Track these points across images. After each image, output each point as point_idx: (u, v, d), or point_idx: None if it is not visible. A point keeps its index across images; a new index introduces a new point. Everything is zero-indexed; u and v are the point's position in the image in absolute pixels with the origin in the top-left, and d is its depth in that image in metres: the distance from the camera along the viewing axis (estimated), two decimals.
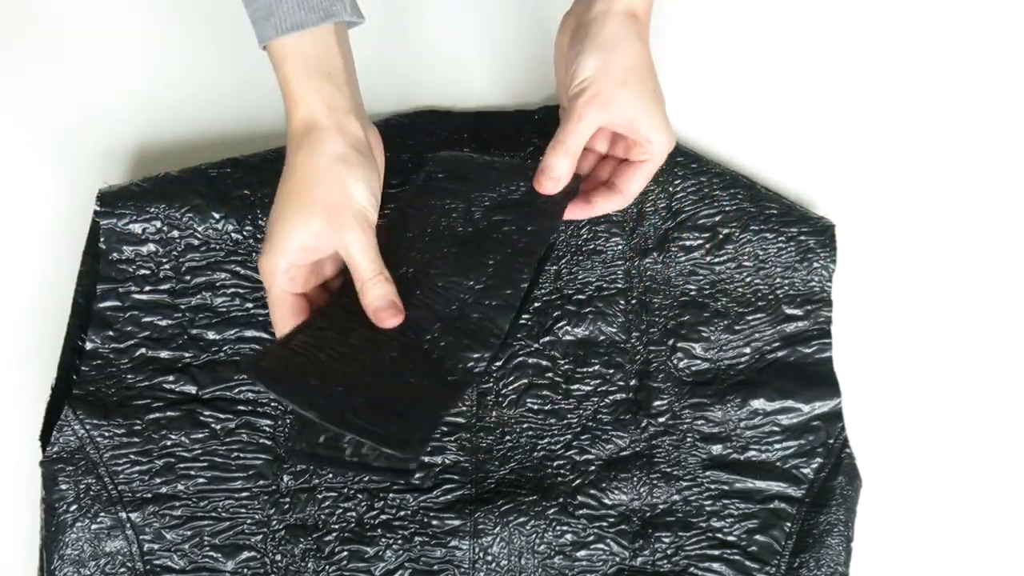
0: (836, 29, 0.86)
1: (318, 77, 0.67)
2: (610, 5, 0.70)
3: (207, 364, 0.77)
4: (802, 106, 0.85)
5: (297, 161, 0.67)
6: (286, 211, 0.67)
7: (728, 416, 0.77)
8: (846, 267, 0.82)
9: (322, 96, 0.67)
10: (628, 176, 0.72)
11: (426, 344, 0.67)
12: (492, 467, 0.77)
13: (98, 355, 0.76)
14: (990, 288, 0.83)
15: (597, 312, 0.78)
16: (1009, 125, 0.85)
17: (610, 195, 0.72)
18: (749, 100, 0.85)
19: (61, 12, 0.85)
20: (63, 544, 0.73)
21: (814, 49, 0.86)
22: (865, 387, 0.81)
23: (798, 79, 0.86)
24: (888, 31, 0.86)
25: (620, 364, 0.78)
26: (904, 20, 0.87)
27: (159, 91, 0.84)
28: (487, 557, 0.75)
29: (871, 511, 0.78)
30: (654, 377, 0.78)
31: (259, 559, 0.75)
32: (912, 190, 0.84)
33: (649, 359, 0.78)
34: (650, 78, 0.70)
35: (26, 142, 0.83)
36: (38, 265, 0.81)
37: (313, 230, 0.66)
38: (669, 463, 0.77)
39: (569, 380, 0.78)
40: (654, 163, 0.71)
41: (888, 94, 0.86)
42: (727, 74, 0.86)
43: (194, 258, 0.78)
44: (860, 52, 0.86)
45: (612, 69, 0.69)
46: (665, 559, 0.76)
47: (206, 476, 0.75)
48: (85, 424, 0.75)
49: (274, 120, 0.84)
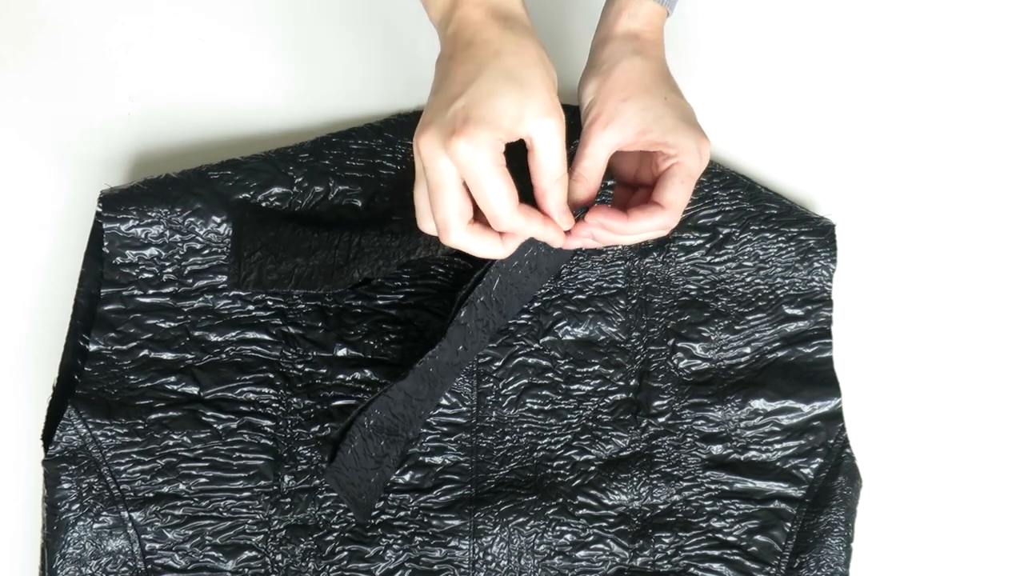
0: (836, 29, 0.86)
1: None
2: (608, 32, 0.70)
3: (209, 365, 0.77)
4: (802, 106, 0.85)
5: (505, 39, 0.62)
6: (496, 84, 0.61)
7: (728, 416, 0.77)
8: (846, 267, 0.82)
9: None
10: (661, 186, 0.67)
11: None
12: (492, 467, 0.77)
13: (101, 356, 0.77)
14: (990, 288, 0.83)
15: (597, 312, 0.79)
16: (1009, 125, 0.85)
17: (647, 207, 0.67)
18: (749, 100, 0.85)
19: (62, 14, 0.86)
20: (65, 543, 0.74)
21: (814, 50, 0.86)
22: (865, 387, 0.81)
23: (798, 79, 0.86)
24: (888, 31, 0.86)
25: (620, 364, 0.78)
26: (904, 19, 0.87)
27: (160, 92, 0.85)
28: (487, 557, 0.75)
29: (871, 511, 0.78)
30: (654, 377, 0.78)
31: (260, 559, 0.75)
32: (912, 190, 0.84)
33: (649, 359, 0.78)
34: (657, 88, 0.68)
35: (28, 143, 0.84)
36: (40, 265, 0.82)
37: (532, 106, 0.61)
38: (669, 463, 0.77)
39: (569, 380, 0.78)
40: (684, 167, 0.67)
41: (888, 94, 0.86)
42: (727, 74, 0.86)
43: (196, 261, 0.78)
44: (860, 52, 0.86)
45: (612, 88, 0.68)
46: (665, 559, 0.76)
47: (207, 476, 0.75)
48: (88, 424, 0.75)
49: (275, 121, 0.84)
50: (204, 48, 0.85)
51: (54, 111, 0.84)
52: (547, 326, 0.78)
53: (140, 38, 0.86)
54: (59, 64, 0.85)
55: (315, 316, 0.78)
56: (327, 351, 0.77)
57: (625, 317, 0.79)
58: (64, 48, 0.85)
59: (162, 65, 0.85)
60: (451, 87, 0.62)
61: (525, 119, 0.61)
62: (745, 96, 0.85)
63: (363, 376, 0.77)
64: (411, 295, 0.78)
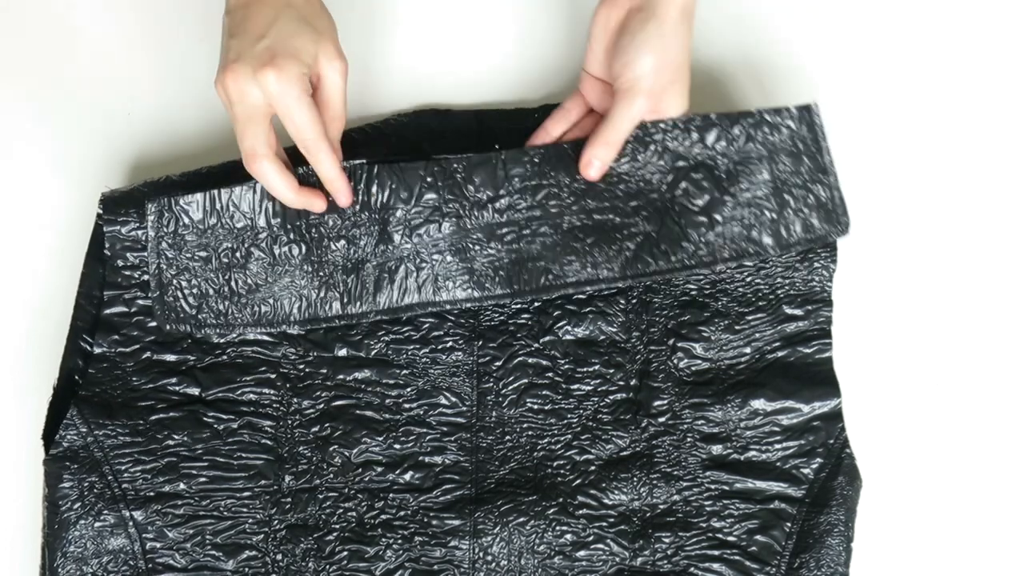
0: (835, 28, 0.86)
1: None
2: (670, 3, 0.72)
3: (210, 366, 0.77)
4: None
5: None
6: (296, 27, 0.69)
7: (728, 416, 0.77)
8: (846, 267, 0.82)
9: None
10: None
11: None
12: (492, 467, 0.77)
13: (104, 358, 0.77)
14: (991, 288, 0.83)
15: (597, 312, 0.79)
16: (1009, 125, 0.85)
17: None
18: (748, 100, 0.85)
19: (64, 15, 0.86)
20: (66, 541, 0.74)
21: (813, 48, 0.86)
22: (865, 387, 0.80)
23: (798, 79, 0.86)
24: (888, 30, 0.86)
25: (620, 364, 0.78)
26: (904, 19, 0.87)
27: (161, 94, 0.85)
28: (487, 557, 0.75)
29: (871, 511, 0.78)
30: (654, 377, 0.78)
31: (260, 558, 0.75)
32: (912, 189, 0.84)
33: (649, 359, 0.78)
34: (688, 71, 0.74)
35: (29, 145, 0.84)
36: (41, 266, 0.82)
37: (325, 49, 0.69)
38: (669, 463, 0.77)
39: (569, 380, 0.78)
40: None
41: (888, 93, 0.85)
42: (727, 74, 0.86)
43: None
44: (859, 51, 0.86)
45: (665, 68, 0.72)
46: (665, 559, 0.76)
47: (208, 476, 0.76)
48: (90, 424, 0.75)
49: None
50: (205, 49, 0.85)
51: (55, 112, 0.85)
52: (547, 326, 0.78)
53: (141, 39, 0.86)
54: (60, 65, 0.85)
55: None
56: (327, 351, 0.78)
57: (625, 317, 0.79)
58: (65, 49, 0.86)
59: (163, 66, 0.86)
60: (252, 29, 0.69)
61: (319, 59, 0.69)
62: (745, 96, 0.85)
63: (363, 376, 0.77)
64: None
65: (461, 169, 0.75)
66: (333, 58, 0.70)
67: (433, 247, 0.75)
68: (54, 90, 0.85)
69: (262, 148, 0.69)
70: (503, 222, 0.76)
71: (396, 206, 0.75)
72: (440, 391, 0.78)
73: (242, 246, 0.75)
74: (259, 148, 0.69)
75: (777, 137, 0.76)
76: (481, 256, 0.75)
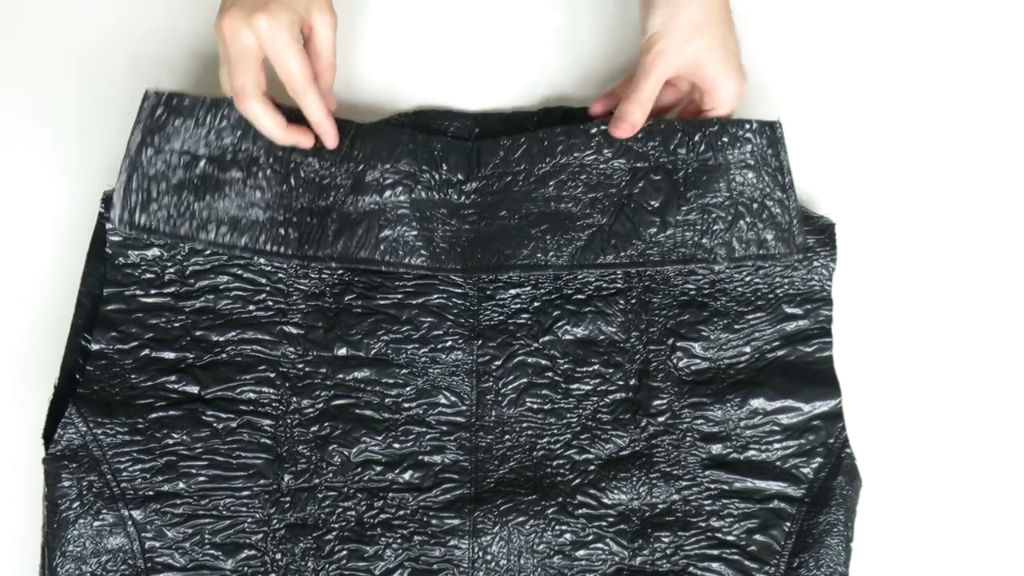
0: (835, 28, 0.86)
1: None
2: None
3: (210, 365, 0.77)
4: (802, 106, 0.85)
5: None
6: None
7: (728, 415, 0.77)
8: (846, 267, 0.82)
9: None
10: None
11: None
12: (491, 466, 0.77)
13: (103, 355, 0.77)
14: (990, 287, 0.83)
15: (597, 312, 0.79)
16: (1009, 124, 0.85)
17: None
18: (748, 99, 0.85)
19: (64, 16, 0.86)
20: (65, 541, 0.74)
21: (813, 48, 0.86)
22: (865, 387, 0.80)
23: (797, 79, 0.86)
24: (888, 30, 0.86)
25: (620, 363, 0.78)
26: (904, 19, 0.87)
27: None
28: (486, 556, 0.75)
29: (871, 511, 0.78)
30: (654, 376, 0.78)
31: (259, 558, 0.75)
32: (912, 189, 0.84)
33: (649, 358, 0.78)
34: (719, 30, 0.74)
35: (29, 145, 0.84)
36: (42, 265, 0.82)
37: (318, 3, 0.72)
38: (668, 463, 0.77)
39: (569, 379, 0.78)
40: (724, 110, 0.77)
41: (888, 93, 0.85)
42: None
43: (197, 262, 0.78)
44: (859, 51, 0.86)
45: (678, 24, 0.73)
46: (664, 559, 0.75)
47: (207, 475, 0.76)
48: (89, 422, 0.75)
49: None
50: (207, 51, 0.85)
51: (56, 112, 0.85)
52: (547, 325, 0.78)
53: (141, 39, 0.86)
54: (60, 65, 0.86)
55: (315, 316, 0.78)
56: (327, 351, 0.78)
57: (624, 317, 0.79)
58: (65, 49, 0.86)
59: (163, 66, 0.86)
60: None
61: (311, 11, 0.72)
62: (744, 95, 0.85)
63: (363, 375, 0.77)
64: (411, 295, 0.78)
65: (439, 148, 0.78)
66: (324, 12, 0.73)
67: (398, 210, 0.77)
68: (54, 90, 0.85)
69: (251, 87, 0.72)
70: (467, 204, 0.78)
71: (374, 164, 0.77)
72: (440, 390, 0.78)
73: (224, 159, 0.76)
74: (248, 87, 0.72)
75: (738, 149, 0.77)
76: (441, 229, 0.77)
